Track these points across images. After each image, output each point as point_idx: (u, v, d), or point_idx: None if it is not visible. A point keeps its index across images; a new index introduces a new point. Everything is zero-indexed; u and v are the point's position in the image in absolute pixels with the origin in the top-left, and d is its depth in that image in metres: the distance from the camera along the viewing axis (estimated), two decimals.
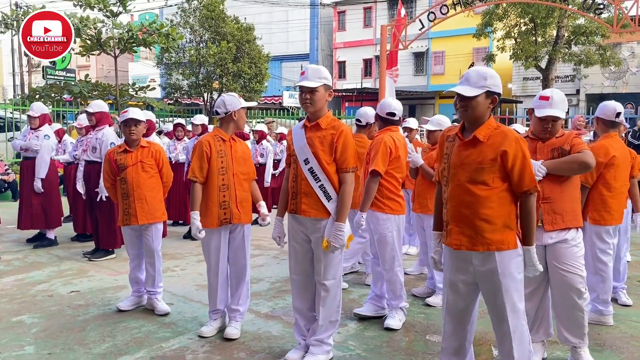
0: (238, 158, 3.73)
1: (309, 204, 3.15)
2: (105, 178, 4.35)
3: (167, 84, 19.41)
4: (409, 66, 29.29)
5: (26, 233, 6.88)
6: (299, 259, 3.30)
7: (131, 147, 4.28)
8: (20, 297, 4.57)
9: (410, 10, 27.67)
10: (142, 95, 15.05)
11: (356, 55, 32.05)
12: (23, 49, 23.67)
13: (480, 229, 2.49)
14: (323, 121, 3.15)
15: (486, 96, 2.51)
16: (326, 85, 3.14)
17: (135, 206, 4.21)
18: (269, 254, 6.30)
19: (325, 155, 3.11)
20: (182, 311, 4.28)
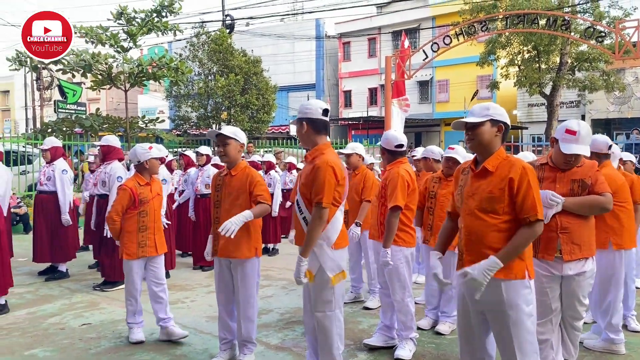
0: (232, 192, 3.73)
1: (298, 236, 3.28)
2: (118, 211, 4.27)
3: (176, 116, 19.72)
4: (414, 94, 29.56)
5: (38, 266, 6.95)
6: (304, 299, 3.37)
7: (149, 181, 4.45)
8: (32, 331, 4.62)
9: (414, 40, 28.08)
10: (152, 127, 15.29)
11: (361, 85, 32.43)
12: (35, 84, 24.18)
13: (488, 257, 2.53)
14: (310, 154, 3.22)
15: (491, 125, 2.59)
16: (308, 120, 3.14)
17: (155, 238, 4.36)
18: (277, 285, 6.32)
19: (306, 189, 3.13)
20: (193, 343, 4.30)
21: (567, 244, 3.07)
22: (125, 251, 4.28)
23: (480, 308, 2.63)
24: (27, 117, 30.84)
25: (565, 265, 3.07)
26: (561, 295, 3.14)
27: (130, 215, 4.29)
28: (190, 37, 19.26)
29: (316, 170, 3.05)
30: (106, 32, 13.12)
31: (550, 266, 3.10)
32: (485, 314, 2.62)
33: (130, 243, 4.29)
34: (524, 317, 2.52)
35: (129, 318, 4.35)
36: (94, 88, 14.14)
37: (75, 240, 6.99)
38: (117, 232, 4.31)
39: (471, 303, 2.65)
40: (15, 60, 13.07)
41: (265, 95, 18.21)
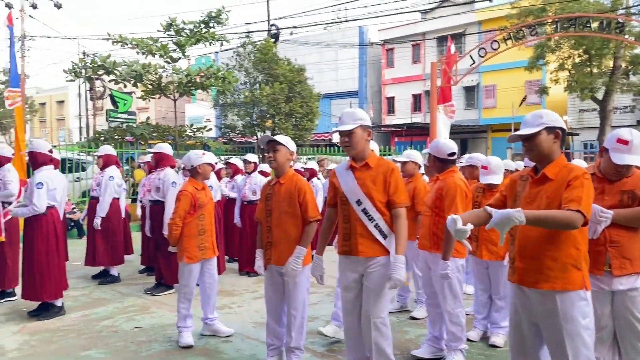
0: (281, 200, 3.77)
1: (365, 244, 3.20)
2: (181, 216, 4.38)
3: (222, 124, 20.11)
4: (460, 100, 29.13)
5: (91, 269, 7.19)
6: (352, 297, 3.33)
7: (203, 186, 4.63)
8: (87, 333, 4.78)
9: (459, 45, 27.69)
10: (199, 135, 15.65)
11: (405, 91, 32.23)
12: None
13: (545, 266, 2.46)
14: (371, 160, 3.26)
15: (547, 132, 2.53)
16: (363, 126, 3.24)
17: (212, 240, 4.54)
18: (322, 292, 6.31)
19: (378, 194, 3.18)
20: (240, 349, 4.35)
21: (616, 258, 2.90)
22: (186, 255, 4.40)
23: (534, 319, 2.55)
24: (80, 126, 32.12)
25: (615, 280, 2.91)
26: (613, 313, 2.99)
27: (189, 220, 4.42)
28: (237, 47, 19.62)
29: (392, 173, 3.18)
30: (156, 43, 13.56)
31: (599, 281, 2.94)
32: (539, 326, 2.54)
33: (191, 247, 4.41)
34: (580, 330, 2.43)
35: (179, 322, 4.45)
36: (144, 97, 14.61)
37: (122, 245, 7.20)
38: (177, 237, 4.41)
39: (524, 314, 2.58)
40: (71, 71, 13.65)
41: (309, 103, 18.34)
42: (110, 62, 13.25)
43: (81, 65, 14.03)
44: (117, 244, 6.98)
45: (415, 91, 31.86)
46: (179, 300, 4.48)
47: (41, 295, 5.15)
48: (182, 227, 4.41)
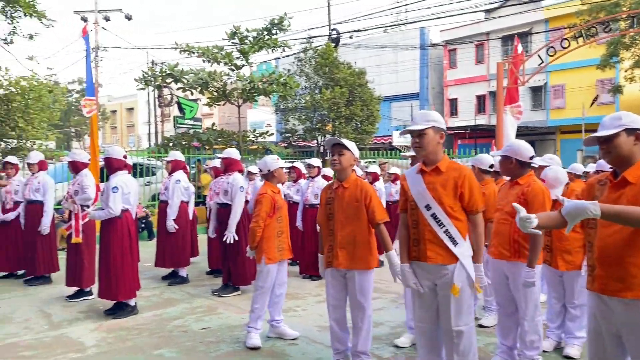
0: (345, 204, 3.77)
1: (434, 250, 3.11)
2: (264, 218, 4.50)
3: (283, 128, 20.39)
4: (526, 101, 28.15)
5: (162, 270, 7.47)
6: (425, 306, 3.23)
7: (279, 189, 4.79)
8: (159, 332, 4.96)
9: (525, 44, 26.79)
10: (262, 140, 15.94)
11: (468, 92, 31.53)
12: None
13: (628, 273, 2.32)
14: (442, 165, 3.15)
15: (627, 134, 2.40)
16: (435, 128, 3.14)
17: (288, 242, 4.69)
18: (386, 298, 6.27)
19: (448, 200, 3.09)
20: (306, 352, 4.39)
21: None
22: (266, 256, 4.52)
23: (615, 330, 2.42)
24: (149, 132, 33.45)
25: None
26: None
27: (269, 222, 4.54)
28: (298, 53, 19.85)
29: (469, 179, 3.11)
30: (221, 52, 13.93)
31: None
32: (622, 337, 2.41)
33: (270, 248, 4.54)
34: None
35: (251, 322, 4.55)
36: (209, 104, 15.06)
37: (190, 247, 7.44)
38: (258, 239, 4.52)
39: (605, 324, 2.45)
40: (141, 80, 14.26)
41: (370, 107, 18.27)
42: (178, 71, 13.74)
43: (151, 74, 14.64)
44: (185, 246, 7.22)
45: (479, 92, 31.09)
46: (255, 301, 4.58)
47: (117, 295, 5.41)
48: (262, 229, 4.53)
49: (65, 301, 6.12)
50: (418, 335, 3.34)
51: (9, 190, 7.23)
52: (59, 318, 5.45)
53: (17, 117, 10.78)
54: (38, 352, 4.41)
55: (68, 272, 6.20)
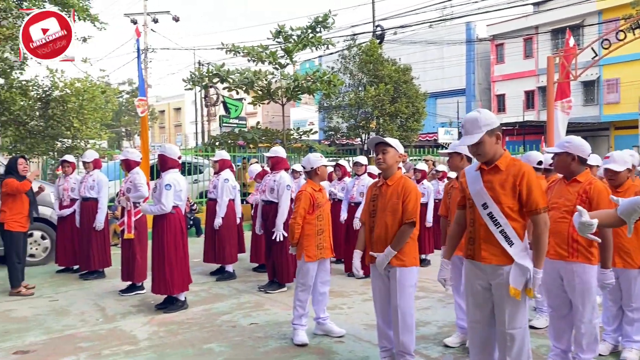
0: (387, 202, 3.75)
1: (489, 251, 3.02)
2: (302, 215, 4.56)
3: (327, 127, 20.42)
4: (577, 96, 27.19)
5: (210, 266, 7.63)
6: (479, 305, 3.15)
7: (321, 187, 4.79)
8: (208, 326, 5.06)
9: (577, 37, 25.89)
10: (305, 138, 16.02)
11: (516, 88, 30.74)
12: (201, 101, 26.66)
13: None
14: (502, 163, 3.02)
15: None
16: (490, 130, 2.99)
17: (329, 240, 4.67)
18: (433, 297, 6.19)
19: (507, 199, 2.97)
20: (353, 350, 4.38)
21: None
22: (306, 254, 4.55)
23: None
24: (196, 131, 34.19)
25: None
26: None
27: (309, 219, 4.57)
28: (342, 50, 19.83)
29: (528, 176, 2.95)
30: (265, 51, 14.07)
31: None
32: None
33: (310, 246, 4.56)
34: None
35: (295, 320, 4.58)
36: (254, 103, 15.23)
37: (237, 244, 7.57)
38: (298, 236, 4.56)
39: None
40: (189, 80, 14.57)
41: (415, 103, 18.07)
42: (224, 71, 13.96)
43: (198, 74, 14.93)
44: (232, 242, 7.35)
45: (528, 87, 30.27)
46: (296, 298, 4.62)
47: (172, 289, 5.54)
48: (302, 227, 4.57)
49: (118, 295, 6.33)
50: (470, 334, 3.26)
51: (66, 188, 7.53)
52: (112, 311, 5.64)
53: (72, 118, 11.21)
54: (94, 343, 4.58)
55: (122, 267, 6.42)
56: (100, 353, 4.33)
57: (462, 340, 4.44)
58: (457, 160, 4.37)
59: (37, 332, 4.92)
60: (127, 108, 45.60)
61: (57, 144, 11.82)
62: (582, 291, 3.58)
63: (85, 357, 4.24)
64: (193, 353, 4.32)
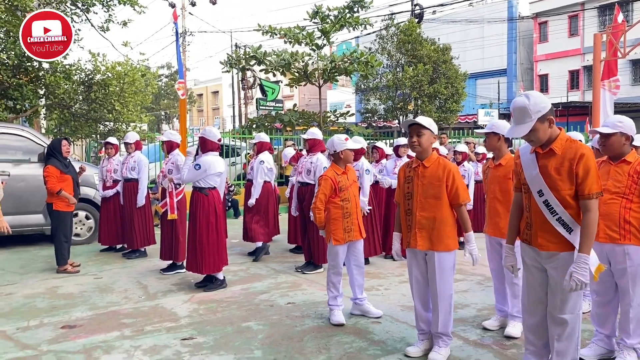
0: (425, 184, 3.69)
1: (546, 238, 2.91)
2: (322, 200, 4.52)
3: (364, 108, 20.24)
4: (625, 75, 26.14)
5: (248, 247, 7.74)
6: (536, 287, 3.07)
7: (344, 170, 4.70)
8: (247, 305, 5.14)
9: (626, 13, 24.78)
10: (342, 120, 15.94)
11: (560, 67, 29.74)
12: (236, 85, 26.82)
13: None
14: (557, 146, 2.87)
15: None
16: (542, 117, 2.83)
17: (358, 222, 4.61)
18: (472, 280, 6.11)
19: (564, 185, 2.83)
20: (390, 330, 4.37)
21: None
22: (333, 237, 4.53)
23: None
24: (233, 114, 34.47)
25: None
26: None
27: (334, 203, 4.53)
28: (380, 30, 19.54)
29: (586, 159, 2.80)
30: (302, 32, 13.99)
31: None
32: None
33: (337, 229, 4.53)
34: None
35: (330, 300, 4.60)
36: (291, 85, 15.21)
37: (272, 224, 7.64)
38: (322, 220, 4.54)
39: None
40: (227, 63, 14.65)
41: (455, 84, 17.68)
42: (261, 53, 13.97)
43: (235, 57, 15.00)
44: (268, 223, 7.41)
45: (573, 67, 29.25)
46: (329, 280, 4.62)
47: (202, 268, 5.64)
48: (328, 211, 4.54)
49: (159, 274, 6.49)
50: (525, 316, 3.19)
51: (109, 169, 7.73)
52: (154, 289, 5.79)
53: (113, 101, 11.48)
54: (137, 320, 4.71)
55: (162, 247, 6.57)
56: (143, 329, 4.46)
57: (501, 324, 4.37)
58: (494, 140, 4.26)
59: (83, 308, 5.10)
60: (166, 92, 46.33)
61: (100, 126, 12.16)
62: (633, 274, 3.45)
63: (128, 333, 4.37)
64: (232, 330, 4.40)
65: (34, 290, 5.80)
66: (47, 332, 4.41)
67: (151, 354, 3.88)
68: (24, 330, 4.48)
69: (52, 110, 11.89)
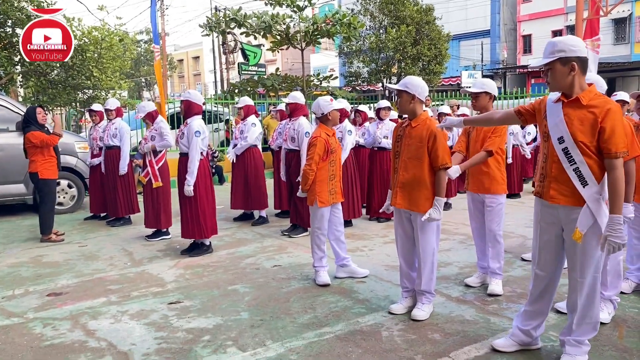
0: (410, 144, 3.71)
1: (558, 190, 2.86)
2: (317, 162, 4.50)
3: (348, 72, 20.03)
4: (607, 34, 26.08)
5: (232, 213, 7.75)
6: (548, 249, 3.01)
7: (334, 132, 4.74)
8: (233, 269, 5.18)
9: None
10: (326, 85, 15.79)
11: (543, 27, 29.55)
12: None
13: None
14: (585, 96, 2.78)
15: None
16: (564, 59, 2.77)
17: (340, 185, 4.69)
18: (454, 239, 6.21)
19: (584, 136, 2.75)
20: (374, 289, 4.45)
21: None
22: (318, 199, 4.54)
23: None
24: (215, 80, 33.95)
25: None
26: None
27: (322, 165, 4.54)
28: None
29: (613, 114, 2.70)
30: None
31: None
32: None
33: (322, 191, 4.55)
34: None
35: (315, 262, 4.65)
36: (273, 49, 14.99)
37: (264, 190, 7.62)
38: (310, 182, 4.54)
39: None
40: (206, 26, 14.35)
41: (438, 45, 17.52)
42: (241, 15, 13.69)
43: (215, 19, 14.68)
44: (262, 190, 7.37)
45: (556, 27, 29.07)
46: (314, 242, 4.66)
47: (205, 233, 5.65)
48: (315, 173, 4.54)
49: (144, 241, 6.49)
50: (533, 277, 3.13)
51: (95, 137, 7.61)
52: (139, 256, 5.80)
53: (91, 67, 11.23)
54: (123, 286, 4.73)
55: (146, 214, 6.54)
56: (130, 294, 4.48)
57: (482, 281, 4.47)
58: (485, 100, 4.24)
59: (69, 276, 5.10)
60: (146, 58, 45.33)
61: (79, 94, 11.91)
62: None
63: (115, 298, 4.39)
64: (219, 294, 4.44)
65: (18, 259, 5.77)
66: (32, 300, 4.41)
67: (138, 319, 3.92)
68: (9, 298, 4.48)
69: (28, 78, 11.60)
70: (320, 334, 3.55)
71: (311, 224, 4.72)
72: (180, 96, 6.27)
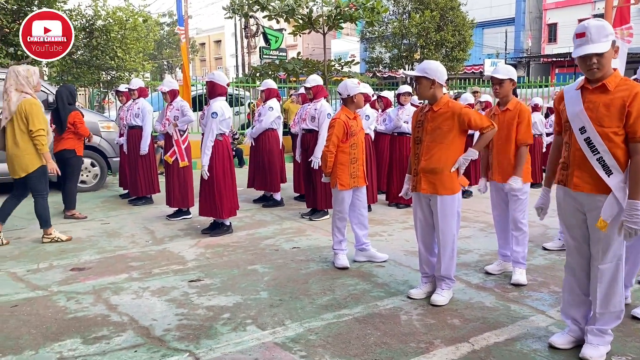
0: (434, 127, 3.67)
1: (582, 178, 2.81)
2: (335, 143, 4.50)
3: (369, 57, 19.89)
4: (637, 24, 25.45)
5: (254, 194, 7.80)
6: (577, 237, 2.96)
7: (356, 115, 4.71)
8: (252, 249, 5.21)
9: None
10: (347, 69, 15.68)
11: (570, 16, 28.91)
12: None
13: None
14: (611, 82, 2.71)
15: None
16: (614, 42, 2.67)
17: (363, 169, 4.64)
18: (475, 227, 6.16)
19: (611, 122, 2.68)
20: (393, 274, 4.44)
21: None
22: (339, 182, 4.54)
23: None
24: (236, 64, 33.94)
25: None
26: None
27: (342, 148, 4.51)
28: None
29: (635, 99, 2.63)
30: None
31: None
32: None
33: (343, 175, 4.54)
34: None
35: (335, 245, 4.65)
36: (295, 33, 14.88)
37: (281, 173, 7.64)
38: (331, 165, 4.53)
39: None
40: (229, 8, 14.31)
41: (462, 32, 17.29)
42: None
43: (238, 2, 14.64)
44: (276, 171, 7.40)
45: (583, 15, 28.36)
46: (334, 225, 4.66)
47: (221, 214, 5.69)
48: (336, 156, 4.53)
49: (165, 220, 6.56)
50: (567, 259, 3.08)
51: (122, 117, 7.71)
52: (161, 234, 5.86)
53: (115, 47, 11.32)
54: (144, 263, 4.80)
55: (168, 194, 6.61)
56: (151, 271, 4.54)
57: (503, 269, 4.43)
58: (509, 86, 4.18)
59: (91, 252, 5.19)
60: (169, 41, 45.56)
61: (103, 74, 12.02)
62: None
63: (136, 275, 4.45)
64: (238, 273, 4.48)
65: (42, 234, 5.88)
66: (56, 274, 4.50)
67: (159, 295, 3.97)
68: (34, 272, 4.58)
69: None
70: (338, 315, 3.56)
71: (333, 206, 4.72)
72: (204, 77, 6.33)
